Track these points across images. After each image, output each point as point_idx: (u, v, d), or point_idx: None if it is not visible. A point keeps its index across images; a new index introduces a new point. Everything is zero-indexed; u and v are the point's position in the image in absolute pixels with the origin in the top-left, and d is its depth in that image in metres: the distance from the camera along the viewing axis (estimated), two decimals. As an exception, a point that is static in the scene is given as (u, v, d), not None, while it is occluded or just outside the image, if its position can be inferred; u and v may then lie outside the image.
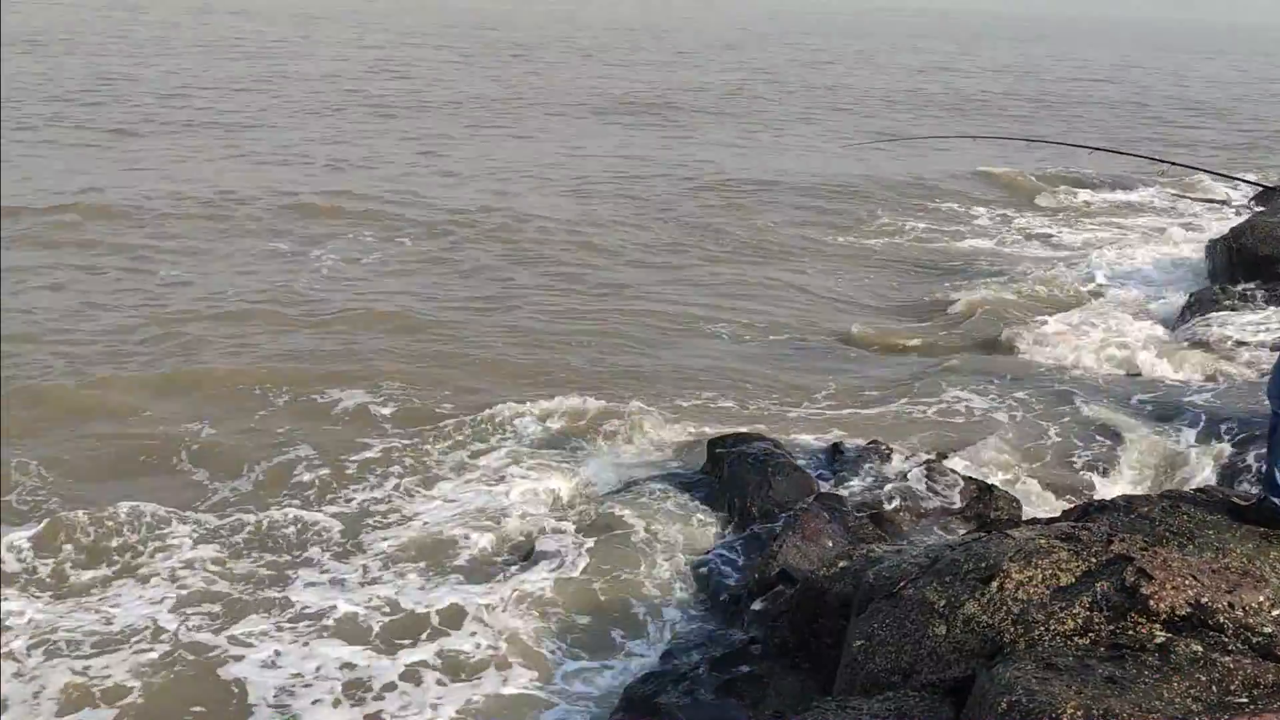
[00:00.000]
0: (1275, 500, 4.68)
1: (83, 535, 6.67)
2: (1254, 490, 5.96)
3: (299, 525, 7.06)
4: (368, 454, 8.01)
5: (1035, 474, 7.92)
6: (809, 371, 10.37)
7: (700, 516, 7.17)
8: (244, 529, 6.97)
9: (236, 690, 5.45)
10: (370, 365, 9.81)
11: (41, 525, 6.73)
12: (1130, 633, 3.85)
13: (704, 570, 6.58)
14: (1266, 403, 4.96)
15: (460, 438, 8.37)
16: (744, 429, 8.23)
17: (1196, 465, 7.71)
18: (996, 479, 7.56)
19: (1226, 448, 7.87)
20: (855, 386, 9.93)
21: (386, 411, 8.82)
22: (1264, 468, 5.02)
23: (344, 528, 7.04)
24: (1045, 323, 11.96)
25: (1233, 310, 10.92)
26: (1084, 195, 21.03)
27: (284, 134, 22.46)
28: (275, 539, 6.90)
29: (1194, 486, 6.73)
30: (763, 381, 10.03)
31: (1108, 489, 7.49)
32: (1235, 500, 4.95)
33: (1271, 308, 11.00)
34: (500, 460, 8.05)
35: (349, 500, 7.42)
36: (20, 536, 6.58)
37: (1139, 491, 7.19)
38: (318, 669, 5.61)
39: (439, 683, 5.62)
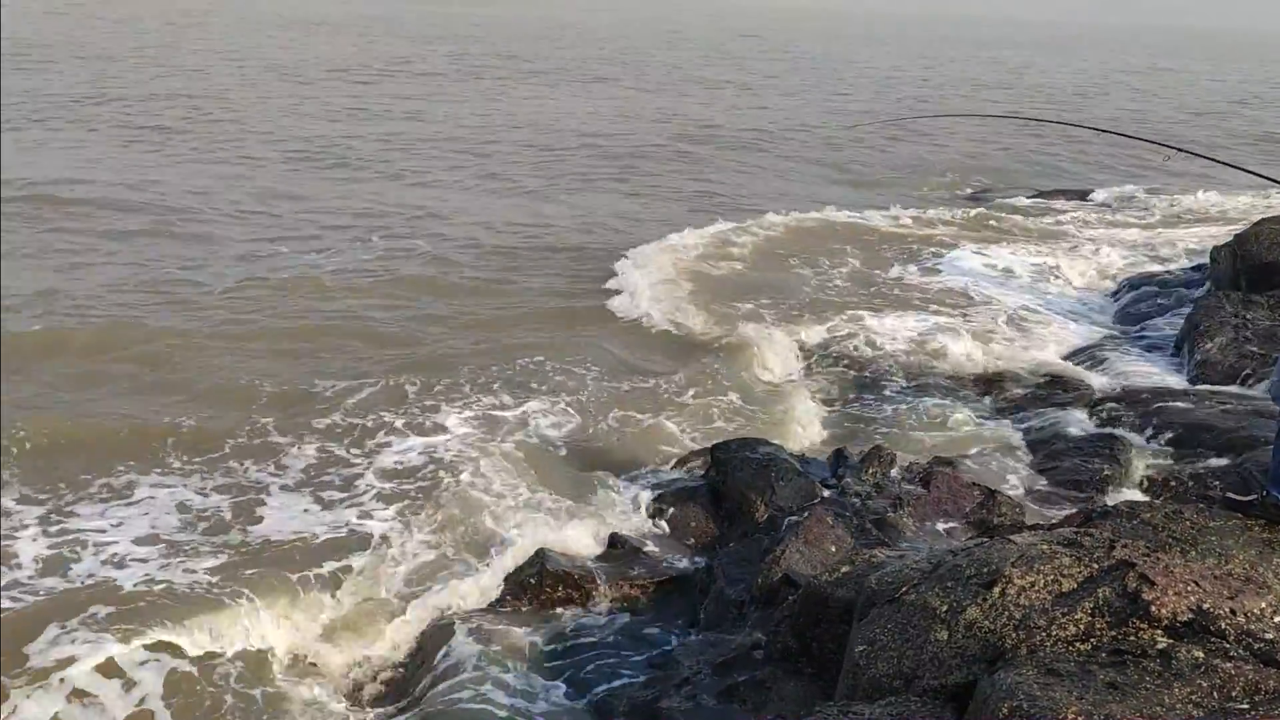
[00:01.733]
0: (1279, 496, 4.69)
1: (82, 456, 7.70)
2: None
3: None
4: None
5: (1037, 480, 7.92)
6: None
7: (703, 521, 7.18)
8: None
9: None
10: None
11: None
12: (1132, 638, 3.85)
13: (706, 574, 6.59)
14: (1271, 405, 4.97)
15: (465, 433, 8.42)
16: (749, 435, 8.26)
17: (1195, 473, 7.68)
18: (999, 485, 7.56)
19: (1226, 455, 7.85)
20: (856, 394, 9.96)
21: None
22: (1271, 467, 5.01)
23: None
24: (1043, 331, 11.99)
25: (1235, 317, 10.90)
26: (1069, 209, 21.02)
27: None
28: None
29: (1195, 494, 6.74)
30: (768, 388, 10.06)
31: (1109, 496, 7.48)
32: (1232, 496, 4.96)
33: (1275, 315, 10.98)
34: (503, 463, 8.08)
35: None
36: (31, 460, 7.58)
37: (1140, 499, 7.19)
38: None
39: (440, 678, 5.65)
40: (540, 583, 6.47)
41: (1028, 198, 21.33)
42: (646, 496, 7.53)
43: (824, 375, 10.46)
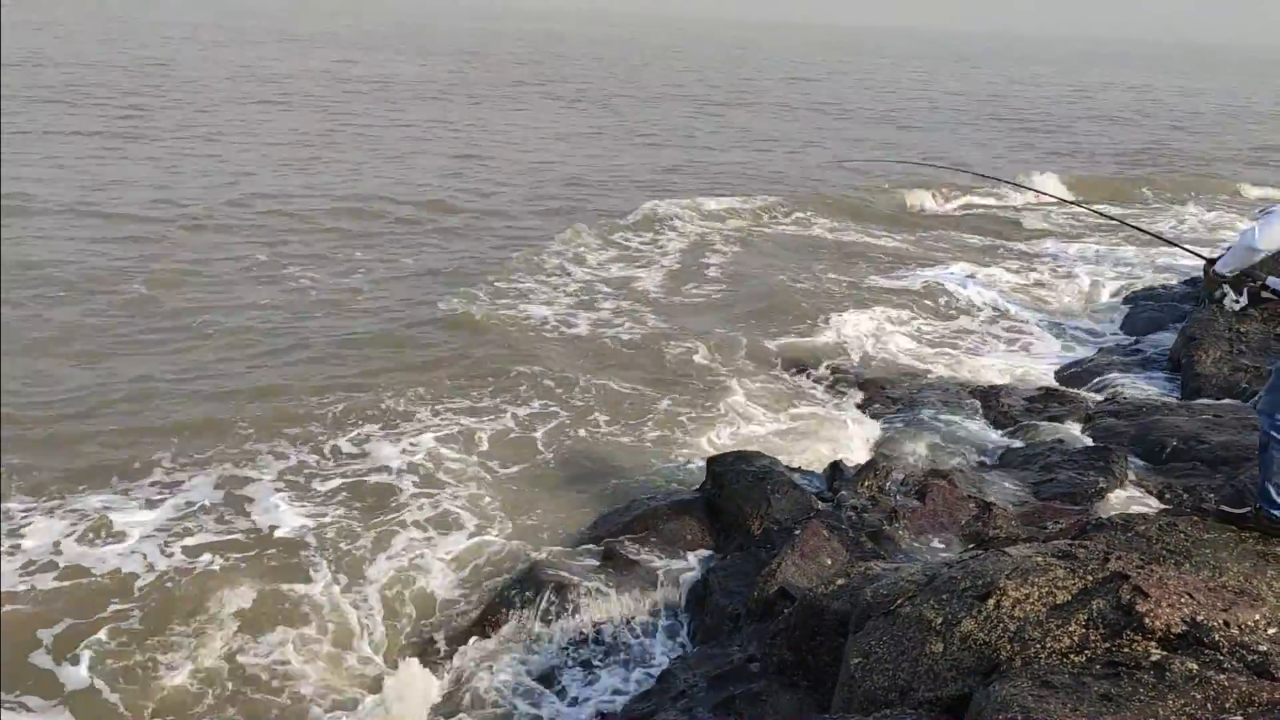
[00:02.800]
0: (1272, 512, 4.72)
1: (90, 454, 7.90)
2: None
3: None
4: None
5: (1032, 492, 7.92)
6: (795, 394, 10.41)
7: (698, 533, 7.18)
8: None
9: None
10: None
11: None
12: (1126, 650, 3.86)
13: (702, 588, 6.58)
14: (1257, 419, 5.00)
15: (462, 447, 8.41)
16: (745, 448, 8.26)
17: (1189, 486, 7.69)
18: (994, 497, 7.56)
19: (1220, 468, 7.87)
20: (853, 405, 9.96)
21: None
22: (1259, 482, 5.05)
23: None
24: (1038, 345, 12.01)
25: (1229, 331, 10.94)
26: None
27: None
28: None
29: (1189, 506, 6.75)
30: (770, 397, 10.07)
31: (1104, 508, 7.48)
32: (1225, 509, 4.98)
33: (1268, 329, 11.02)
34: (494, 472, 8.08)
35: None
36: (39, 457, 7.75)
37: (1134, 511, 7.19)
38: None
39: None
40: (535, 595, 6.46)
41: (1028, 211, 21.42)
42: (641, 508, 7.52)
43: (819, 387, 10.47)
